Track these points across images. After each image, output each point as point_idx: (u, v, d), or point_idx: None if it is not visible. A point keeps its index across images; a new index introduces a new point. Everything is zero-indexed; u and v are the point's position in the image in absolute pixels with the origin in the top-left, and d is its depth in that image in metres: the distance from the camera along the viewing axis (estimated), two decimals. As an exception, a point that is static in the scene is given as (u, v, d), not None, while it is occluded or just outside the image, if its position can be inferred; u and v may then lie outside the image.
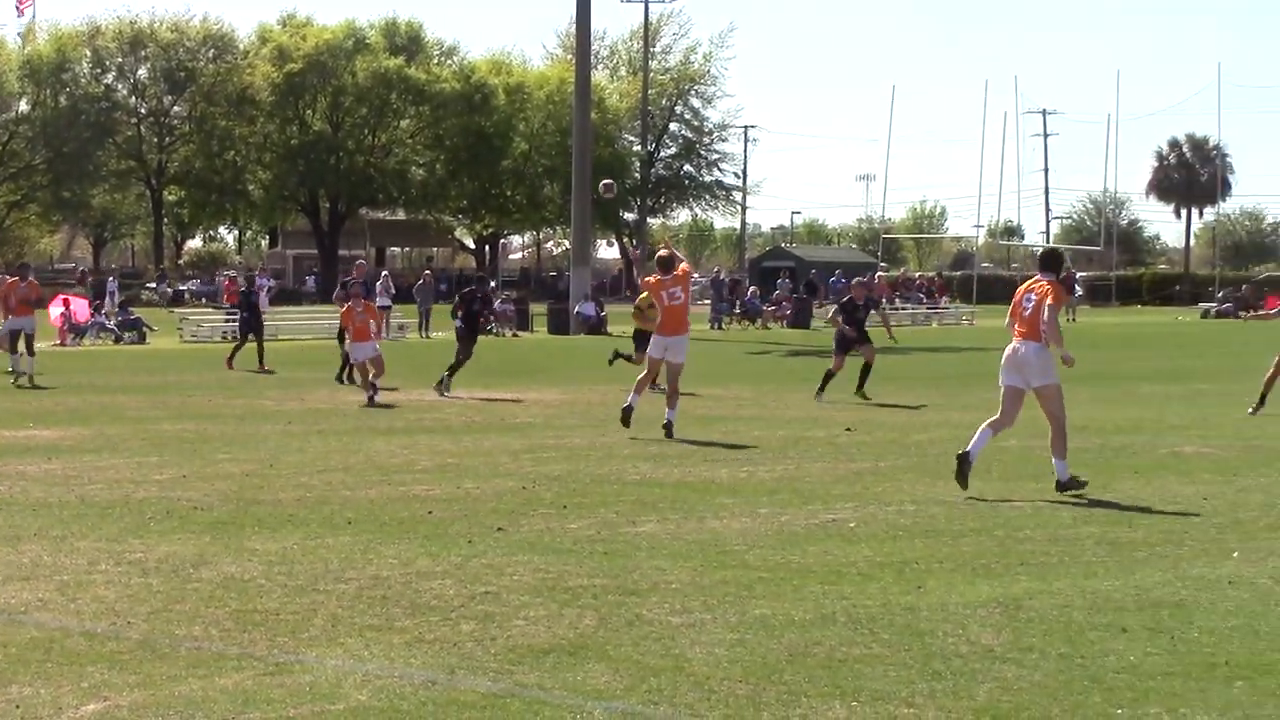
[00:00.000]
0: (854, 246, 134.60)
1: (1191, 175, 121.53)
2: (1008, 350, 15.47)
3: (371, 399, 26.38)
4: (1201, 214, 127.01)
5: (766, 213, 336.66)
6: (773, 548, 12.32)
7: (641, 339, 26.57)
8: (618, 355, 30.07)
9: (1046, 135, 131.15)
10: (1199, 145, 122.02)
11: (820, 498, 15.04)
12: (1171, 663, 8.73)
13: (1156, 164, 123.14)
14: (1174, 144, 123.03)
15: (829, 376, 27.32)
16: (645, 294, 21.74)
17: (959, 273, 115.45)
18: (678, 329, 21.41)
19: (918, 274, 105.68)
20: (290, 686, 8.14)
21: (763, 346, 50.39)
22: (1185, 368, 36.74)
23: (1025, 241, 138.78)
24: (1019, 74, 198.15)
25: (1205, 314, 75.41)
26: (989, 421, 15.47)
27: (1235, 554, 12.00)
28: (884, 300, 58.13)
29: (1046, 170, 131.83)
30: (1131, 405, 22.50)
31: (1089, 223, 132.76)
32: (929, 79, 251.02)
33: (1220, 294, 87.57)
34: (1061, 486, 15.12)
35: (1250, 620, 9.74)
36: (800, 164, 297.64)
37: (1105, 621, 9.70)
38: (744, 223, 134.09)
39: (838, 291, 74.98)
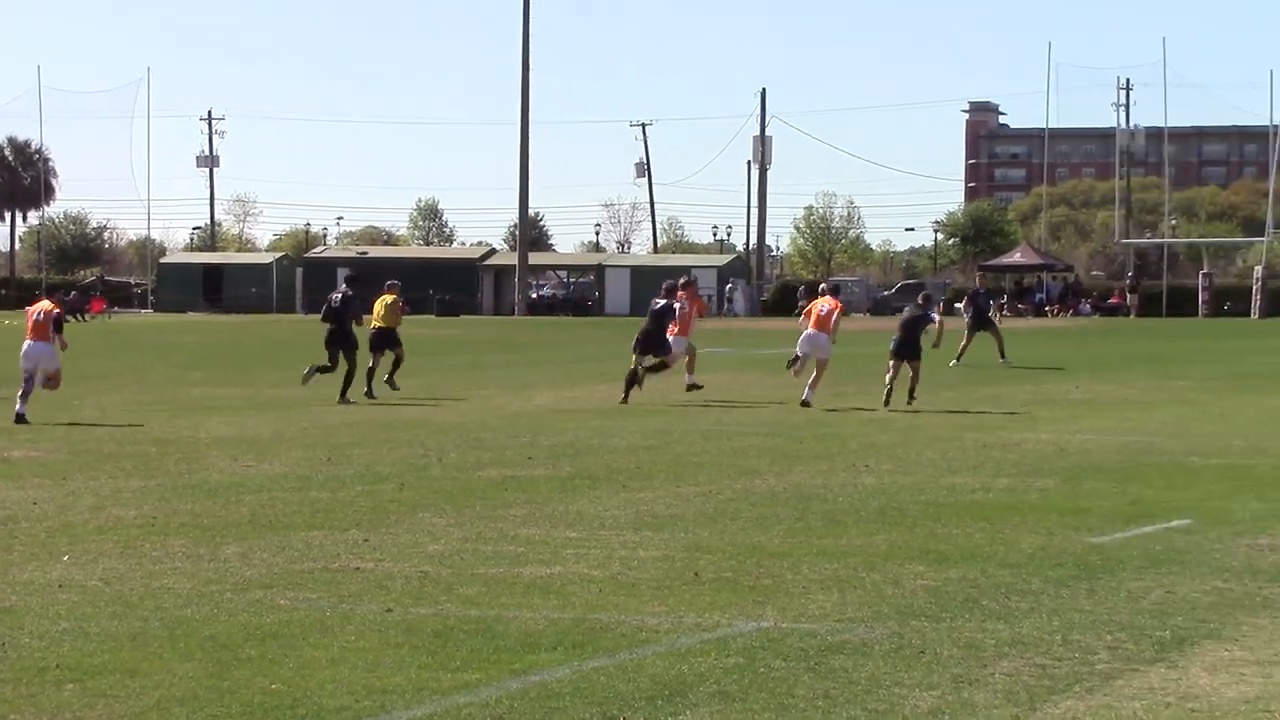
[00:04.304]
0: None
1: (15, 178, 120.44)
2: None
3: None
4: (25, 218, 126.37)
5: None
6: None
7: None
8: None
9: None
10: (21, 148, 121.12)
11: None
12: (2, 670, 8.67)
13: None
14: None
15: None
16: None
17: None
18: None
19: None
20: None
21: None
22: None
23: None
24: None
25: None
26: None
27: (66, 557, 12.08)
28: None
29: None
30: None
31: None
32: None
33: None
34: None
35: (81, 623, 9.83)
36: None
37: (-67, 634, 9.48)
38: None
39: None
